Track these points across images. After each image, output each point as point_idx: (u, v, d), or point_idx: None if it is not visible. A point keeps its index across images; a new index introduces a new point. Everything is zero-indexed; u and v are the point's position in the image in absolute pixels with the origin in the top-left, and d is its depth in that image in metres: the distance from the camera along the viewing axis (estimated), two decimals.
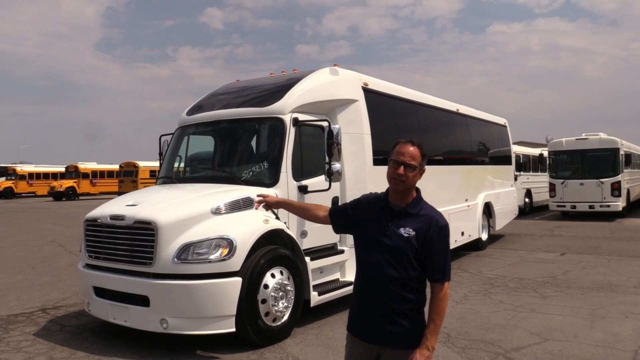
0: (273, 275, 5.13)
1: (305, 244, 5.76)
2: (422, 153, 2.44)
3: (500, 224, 12.16)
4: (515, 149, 16.92)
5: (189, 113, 6.89)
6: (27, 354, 4.95)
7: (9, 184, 40.80)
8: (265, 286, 5.04)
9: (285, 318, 5.23)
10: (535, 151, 22.43)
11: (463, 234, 9.82)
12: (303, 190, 5.76)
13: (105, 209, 5.40)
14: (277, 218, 5.38)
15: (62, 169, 41.17)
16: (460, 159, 10.47)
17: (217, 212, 5.07)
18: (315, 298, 5.67)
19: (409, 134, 2.78)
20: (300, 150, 5.87)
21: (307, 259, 5.64)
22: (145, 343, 5.09)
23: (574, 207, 17.81)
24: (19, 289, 7.78)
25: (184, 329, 4.77)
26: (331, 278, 6.22)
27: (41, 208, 28.49)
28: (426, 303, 2.43)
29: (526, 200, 20.06)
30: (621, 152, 17.85)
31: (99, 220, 5.31)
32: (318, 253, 5.99)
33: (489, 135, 12.11)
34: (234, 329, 4.82)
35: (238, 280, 4.80)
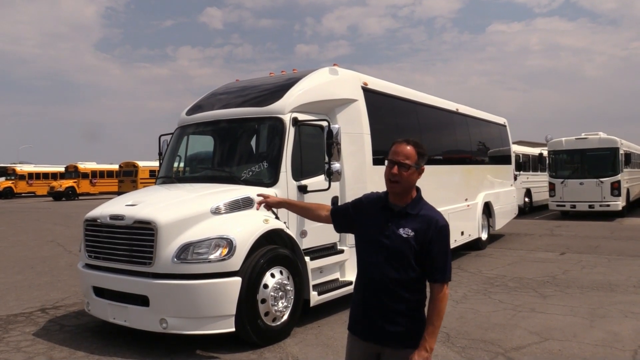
0: (273, 275, 5.13)
1: (305, 244, 5.76)
2: (420, 152, 2.42)
3: (500, 223, 12.16)
4: (515, 149, 16.92)
5: (189, 113, 6.88)
6: (27, 353, 4.95)
7: (9, 184, 40.79)
8: (265, 286, 5.04)
9: (285, 318, 5.23)
10: (535, 151, 22.43)
11: (463, 233, 9.83)
12: (303, 190, 5.75)
13: (105, 209, 5.40)
14: (277, 218, 5.37)
15: (62, 169, 41.14)
16: (460, 158, 10.46)
17: (217, 212, 5.07)
18: (315, 298, 5.67)
19: (409, 134, 2.78)
20: (299, 150, 5.87)
21: (307, 259, 5.64)
22: (144, 343, 5.08)
23: (574, 207, 17.81)
24: (19, 289, 7.78)
25: (183, 328, 4.77)
26: (331, 278, 6.21)
27: (41, 208, 28.48)
28: (426, 302, 2.43)
29: (526, 199, 20.07)
30: (621, 152, 17.86)
31: (98, 220, 5.31)
32: (318, 253, 5.98)
33: (489, 134, 12.11)
34: (233, 329, 4.82)
35: (238, 280, 4.80)
